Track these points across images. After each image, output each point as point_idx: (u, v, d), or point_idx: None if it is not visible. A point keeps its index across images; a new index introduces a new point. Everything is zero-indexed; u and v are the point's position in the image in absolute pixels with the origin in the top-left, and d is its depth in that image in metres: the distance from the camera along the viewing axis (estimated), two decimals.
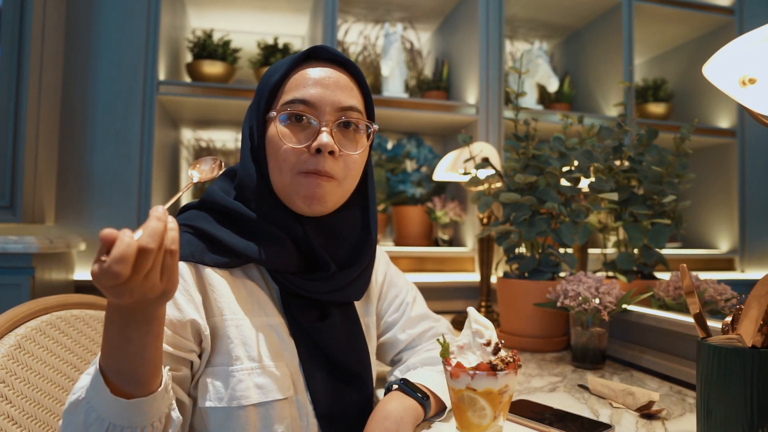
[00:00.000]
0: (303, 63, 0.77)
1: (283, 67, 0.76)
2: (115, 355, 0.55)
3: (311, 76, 0.75)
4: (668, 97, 2.53)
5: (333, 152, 0.72)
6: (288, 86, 0.75)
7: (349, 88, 0.77)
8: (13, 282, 1.42)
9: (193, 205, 0.80)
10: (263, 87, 0.77)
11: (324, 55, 0.77)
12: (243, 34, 2.32)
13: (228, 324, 0.70)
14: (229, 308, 0.71)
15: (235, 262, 0.74)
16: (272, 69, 0.78)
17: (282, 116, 0.73)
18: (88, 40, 1.82)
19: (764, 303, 0.61)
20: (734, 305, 0.92)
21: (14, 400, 0.78)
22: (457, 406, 0.67)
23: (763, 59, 0.65)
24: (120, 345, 0.54)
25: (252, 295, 0.75)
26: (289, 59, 0.76)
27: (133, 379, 0.56)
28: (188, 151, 2.42)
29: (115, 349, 0.54)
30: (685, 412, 0.85)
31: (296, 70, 0.76)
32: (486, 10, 2.05)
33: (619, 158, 1.39)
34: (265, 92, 0.75)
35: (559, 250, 1.35)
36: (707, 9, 2.32)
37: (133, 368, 0.55)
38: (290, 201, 0.75)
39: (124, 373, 0.56)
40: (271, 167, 0.75)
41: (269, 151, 0.75)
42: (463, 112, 2.09)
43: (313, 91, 0.73)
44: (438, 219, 2.09)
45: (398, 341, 0.93)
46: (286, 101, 0.74)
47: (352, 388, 0.79)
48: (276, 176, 0.75)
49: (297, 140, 0.73)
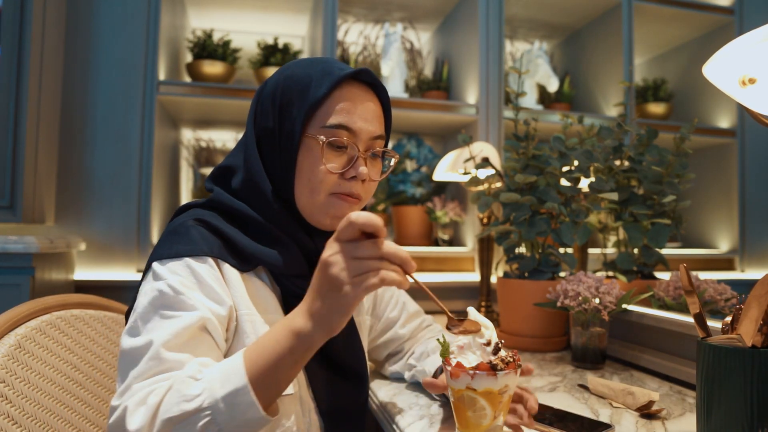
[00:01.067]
0: (343, 81, 0.75)
1: (326, 84, 0.73)
2: (284, 383, 0.60)
3: (356, 103, 0.75)
4: (668, 97, 2.53)
5: (364, 179, 0.75)
6: (330, 106, 0.74)
7: (380, 116, 0.79)
8: (13, 282, 1.42)
9: (197, 204, 0.80)
10: (299, 99, 0.74)
11: (365, 78, 0.77)
12: (243, 34, 2.32)
13: (244, 319, 0.71)
14: (244, 304, 0.72)
15: (246, 267, 0.75)
16: (306, 79, 0.74)
17: (327, 139, 0.73)
18: (88, 40, 1.82)
19: (764, 303, 0.61)
20: (734, 305, 0.92)
21: (14, 400, 0.78)
22: (457, 406, 0.67)
23: (763, 59, 0.65)
24: (292, 374, 0.60)
25: (260, 293, 0.76)
26: (331, 77, 0.74)
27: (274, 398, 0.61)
28: (188, 151, 2.42)
29: (285, 379, 0.60)
30: (685, 412, 0.85)
31: (338, 88, 0.75)
32: (486, 10, 2.05)
33: (619, 158, 1.39)
34: (305, 107, 0.73)
35: (559, 250, 1.35)
36: (707, 9, 2.32)
37: (281, 391, 0.61)
38: (313, 216, 0.76)
39: (275, 396, 0.60)
40: (301, 183, 0.75)
41: (301, 166, 0.74)
42: (463, 112, 2.09)
43: (359, 122, 0.75)
44: (438, 219, 2.09)
45: (399, 335, 1.00)
46: (331, 124, 0.73)
47: (352, 385, 0.81)
48: (305, 194, 0.75)
49: (337, 165, 0.74)
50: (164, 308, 0.65)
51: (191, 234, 0.71)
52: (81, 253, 1.78)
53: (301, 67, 0.77)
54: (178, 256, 0.69)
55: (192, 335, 0.63)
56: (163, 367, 0.60)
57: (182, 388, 0.57)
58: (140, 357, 0.61)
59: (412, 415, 0.83)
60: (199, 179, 2.39)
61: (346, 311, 0.58)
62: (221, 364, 0.60)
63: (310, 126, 0.74)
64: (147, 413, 0.56)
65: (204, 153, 2.43)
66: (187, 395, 0.56)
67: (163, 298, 0.65)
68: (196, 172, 2.41)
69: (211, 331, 0.66)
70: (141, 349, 0.61)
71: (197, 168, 2.41)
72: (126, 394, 0.59)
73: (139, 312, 0.66)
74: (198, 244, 0.70)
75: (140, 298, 0.67)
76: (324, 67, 0.75)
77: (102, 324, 0.97)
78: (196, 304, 0.66)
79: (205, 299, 0.67)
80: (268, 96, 0.77)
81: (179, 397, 0.56)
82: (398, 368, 1.00)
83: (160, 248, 0.71)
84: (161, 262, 0.69)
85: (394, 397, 0.92)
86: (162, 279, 0.67)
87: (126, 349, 0.63)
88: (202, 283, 0.68)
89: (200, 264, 0.69)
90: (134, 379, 0.60)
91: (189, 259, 0.69)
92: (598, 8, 2.30)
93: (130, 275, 1.78)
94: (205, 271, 0.69)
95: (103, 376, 0.93)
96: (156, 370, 0.60)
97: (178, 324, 0.63)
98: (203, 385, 0.57)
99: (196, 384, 0.57)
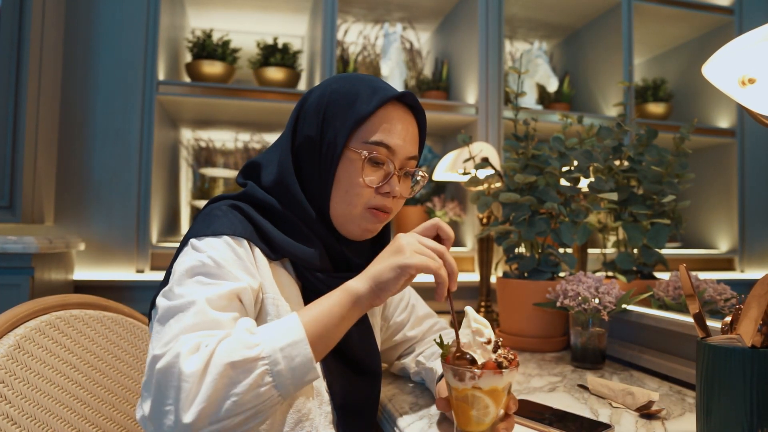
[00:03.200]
0: (389, 101, 0.78)
1: (374, 102, 0.76)
2: (332, 340, 0.66)
3: (397, 123, 0.78)
4: (668, 97, 2.53)
5: (396, 196, 0.79)
6: (374, 123, 0.77)
7: (417, 138, 0.83)
8: (13, 282, 1.42)
9: (230, 196, 0.82)
10: (344, 112, 0.77)
11: (408, 100, 0.81)
12: (242, 34, 2.32)
13: (268, 301, 0.73)
14: (270, 287, 0.74)
15: (274, 256, 0.77)
16: (353, 95, 0.78)
17: (369, 155, 0.76)
18: (88, 40, 1.82)
19: (764, 303, 0.61)
20: (734, 305, 0.92)
21: (14, 400, 0.78)
22: (460, 406, 0.67)
23: (763, 59, 0.65)
24: (339, 332, 0.66)
25: (283, 282, 0.78)
26: (379, 96, 0.77)
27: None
28: (188, 151, 2.42)
29: (333, 336, 0.66)
30: (685, 412, 0.85)
31: (383, 107, 0.78)
32: (486, 10, 2.05)
33: (618, 158, 1.39)
34: (351, 121, 0.76)
35: (559, 250, 1.35)
36: (707, 9, 2.32)
37: (329, 347, 0.67)
38: (345, 226, 0.80)
39: (324, 352, 0.66)
40: (338, 194, 0.78)
41: (340, 177, 0.77)
42: (462, 112, 2.09)
43: (398, 142, 0.78)
44: None
45: (409, 338, 1.02)
46: (373, 140, 0.76)
47: (366, 381, 0.83)
48: (342, 204, 0.78)
49: (374, 179, 0.78)
50: (205, 276, 0.66)
51: (229, 216, 0.74)
52: (80, 253, 1.78)
53: (349, 82, 0.80)
54: (216, 234, 0.71)
55: (231, 301, 0.65)
56: (210, 323, 0.61)
57: (242, 337, 0.59)
58: (184, 311, 0.61)
59: (412, 415, 0.83)
60: (198, 179, 2.39)
61: (398, 272, 0.66)
62: (276, 322, 0.63)
63: (352, 140, 0.77)
64: (203, 358, 0.55)
65: (203, 153, 2.43)
66: (248, 342, 0.58)
67: (204, 267, 0.67)
68: (196, 172, 2.41)
69: (245, 302, 0.68)
70: (185, 306, 0.62)
71: (197, 168, 2.40)
72: (173, 343, 0.58)
73: (177, 278, 0.67)
74: (235, 225, 0.73)
75: (178, 267, 0.68)
76: (372, 85, 0.79)
77: (101, 324, 0.97)
78: (236, 275, 0.68)
79: (242, 273, 0.69)
80: (312, 106, 0.80)
81: (240, 343, 0.58)
82: (405, 363, 1.01)
83: (198, 226, 0.74)
84: (199, 239, 0.71)
85: (394, 397, 0.92)
86: (202, 251, 0.69)
87: (166, 306, 0.63)
88: (240, 258, 0.71)
89: (236, 244, 0.72)
90: (181, 330, 0.60)
91: (227, 237, 0.71)
92: (597, 8, 2.30)
93: (129, 275, 1.78)
94: (241, 250, 0.71)
95: (102, 377, 0.93)
96: (203, 326, 0.60)
97: (220, 289, 0.65)
98: (261, 337, 0.60)
99: (253, 336, 0.60)
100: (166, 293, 0.66)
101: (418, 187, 0.86)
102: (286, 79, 2.03)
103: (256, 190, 0.80)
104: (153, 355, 0.57)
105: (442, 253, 0.69)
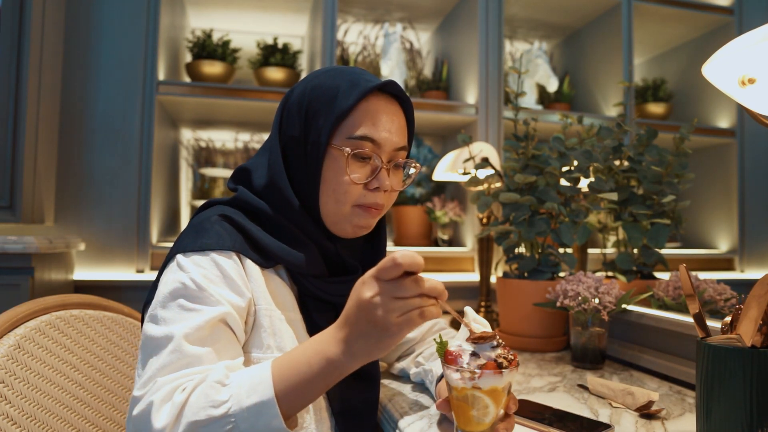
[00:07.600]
0: (370, 92, 0.76)
1: (354, 96, 0.74)
2: (309, 401, 0.62)
3: (381, 115, 0.76)
4: (668, 97, 2.53)
5: (386, 190, 0.77)
6: (356, 117, 0.74)
7: (404, 128, 0.80)
8: (13, 282, 1.42)
9: (222, 201, 0.81)
10: (326, 109, 0.75)
11: (391, 90, 0.78)
12: (242, 34, 2.32)
13: (262, 313, 0.73)
14: (263, 298, 0.73)
15: (267, 264, 0.76)
16: (333, 90, 0.75)
17: (352, 151, 0.74)
18: (88, 40, 1.82)
19: (763, 303, 0.61)
20: (734, 305, 0.92)
21: (14, 400, 0.78)
22: (460, 406, 0.66)
23: (763, 59, 0.65)
24: (319, 394, 0.62)
25: (278, 290, 0.77)
26: (358, 89, 0.74)
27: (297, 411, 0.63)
28: (188, 151, 2.42)
29: (311, 398, 0.62)
30: (685, 412, 0.85)
31: (364, 100, 0.75)
32: (486, 10, 2.05)
33: (618, 158, 1.39)
34: (332, 118, 0.74)
35: (559, 250, 1.35)
36: (707, 9, 2.32)
37: (304, 407, 0.63)
38: (336, 225, 0.78)
39: (298, 411, 0.63)
40: (326, 193, 0.76)
41: (326, 176, 0.76)
42: (462, 112, 2.09)
43: (384, 134, 0.75)
44: (438, 219, 2.09)
45: (408, 339, 1.01)
46: (356, 135, 0.74)
47: (364, 385, 0.83)
48: (330, 203, 0.76)
49: (361, 175, 0.75)
50: (186, 300, 0.66)
51: (216, 229, 0.73)
52: (80, 253, 1.78)
53: (329, 77, 0.77)
54: (202, 250, 0.70)
55: (212, 329, 0.65)
56: (186, 360, 0.61)
57: (210, 392, 0.58)
58: (162, 348, 0.62)
59: (412, 416, 0.83)
60: (198, 179, 2.39)
61: (388, 347, 0.60)
62: (249, 372, 0.61)
63: (335, 137, 0.75)
64: (173, 412, 0.57)
65: (203, 153, 2.43)
66: (215, 401, 0.57)
67: (185, 290, 0.66)
68: (196, 172, 2.41)
69: (231, 325, 0.67)
70: (162, 340, 0.62)
71: (197, 168, 2.41)
72: (150, 387, 0.60)
73: (160, 301, 0.67)
74: (223, 239, 0.72)
75: (162, 288, 0.68)
76: (351, 78, 0.76)
77: (101, 324, 0.97)
78: (218, 298, 0.67)
79: (227, 292, 0.69)
80: (294, 104, 0.78)
81: (207, 401, 0.57)
82: (405, 365, 1.01)
83: (185, 240, 0.72)
84: (186, 255, 0.70)
85: (394, 397, 0.92)
86: (186, 271, 0.68)
87: (148, 336, 0.64)
88: (226, 277, 0.69)
89: (224, 258, 0.71)
90: (157, 371, 0.61)
91: (214, 253, 0.70)
92: (597, 8, 2.30)
93: (129, 275, 1.78)
94: (229, 265, 0.70)
95: (102, 377, 0.93)
96: (179, 364, 0.61)
97: (200, 318, 0.64)
98: (230, 391, 0.58)
99: (223, 390, 0.59)
100: (152, 315, 0.67)
101: (410, 179, 0.83)
102: (286, 79, 2.03)
103: (247, 194, 0.78)
104: (133, 396, 0.60)
105: (422, 292, 0.58)
